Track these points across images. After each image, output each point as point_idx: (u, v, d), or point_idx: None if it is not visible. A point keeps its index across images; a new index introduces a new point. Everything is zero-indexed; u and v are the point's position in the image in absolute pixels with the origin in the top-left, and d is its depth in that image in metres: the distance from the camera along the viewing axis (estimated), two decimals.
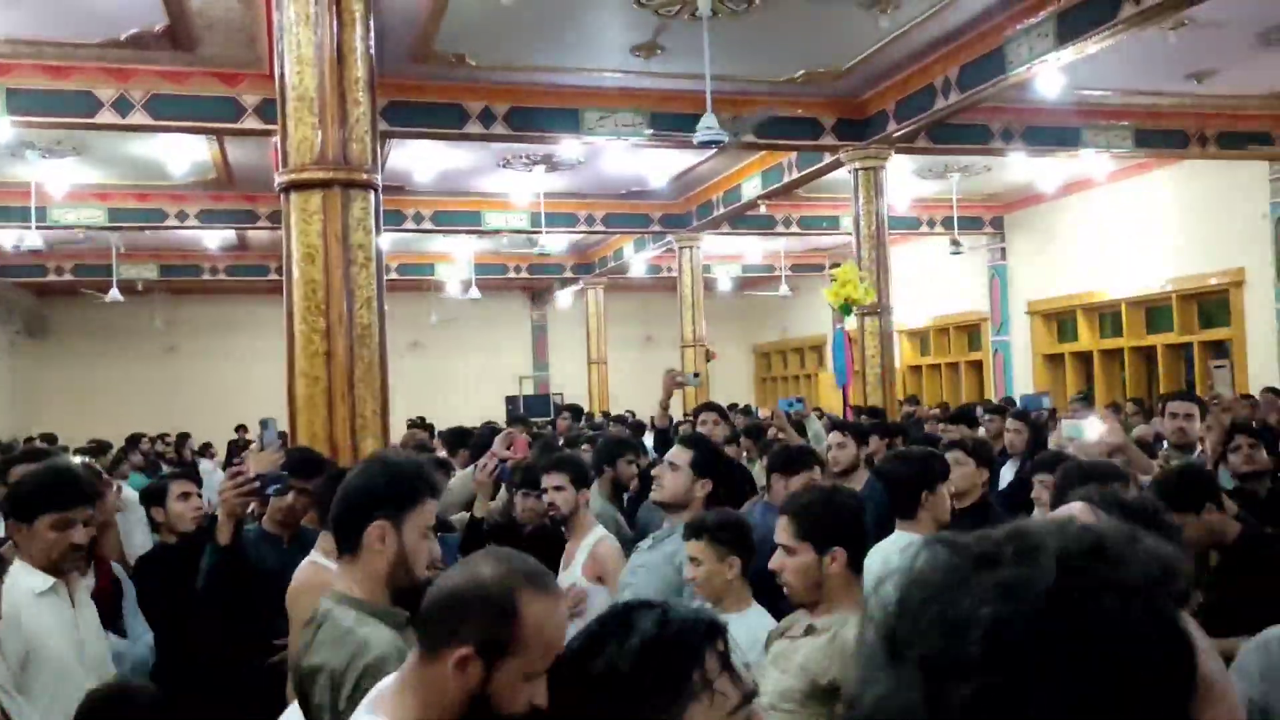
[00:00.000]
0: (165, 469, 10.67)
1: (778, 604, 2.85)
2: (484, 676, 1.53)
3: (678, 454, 3.57)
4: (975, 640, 0.61)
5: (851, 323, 10.20)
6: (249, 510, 3.58)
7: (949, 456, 4.12)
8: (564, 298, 20.50)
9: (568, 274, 19.09)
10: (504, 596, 1.54)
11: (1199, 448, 5.08)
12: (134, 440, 11.62)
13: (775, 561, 2.61)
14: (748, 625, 2.72)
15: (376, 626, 2.10)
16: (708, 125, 7.08)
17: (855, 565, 2.59)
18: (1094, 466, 3.06)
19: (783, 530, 2.61)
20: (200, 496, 3.99)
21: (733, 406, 14.40)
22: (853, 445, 5.07)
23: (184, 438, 13.67)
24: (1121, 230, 12.85)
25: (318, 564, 2.94)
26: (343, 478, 2.45)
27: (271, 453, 3.60)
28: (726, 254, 18.14)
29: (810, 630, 2.52)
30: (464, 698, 1.54)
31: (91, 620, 2.90)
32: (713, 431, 6.10)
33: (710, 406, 6.73)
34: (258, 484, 3.30)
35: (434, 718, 1.58)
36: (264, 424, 3.84)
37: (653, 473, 3.61)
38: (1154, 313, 12.93)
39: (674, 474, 3.50)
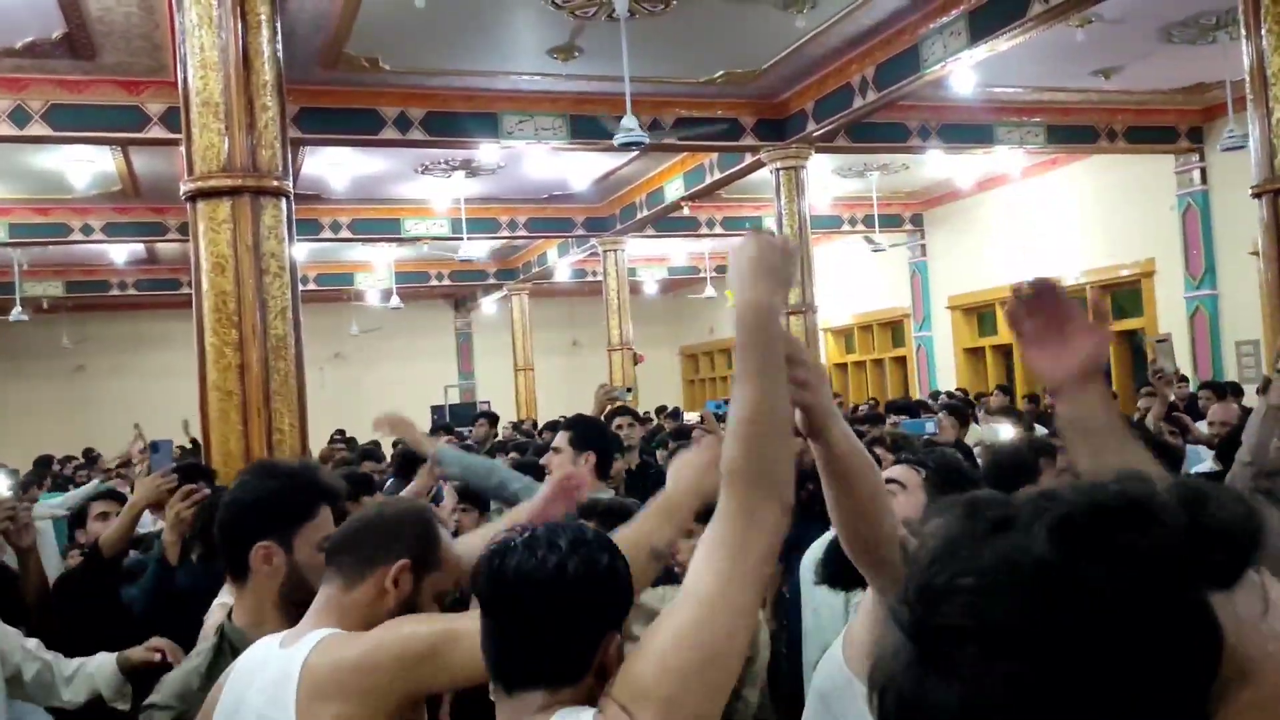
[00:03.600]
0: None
1: None
2: (413, 591, 1.71)
3: (558, 439, 3.69)
4: (957, 612, 0.55)
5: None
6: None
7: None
8: (488, 304, 20.31)
9: (491, 280, 18.92)
10: (425, 519, 1.79)
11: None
12: (44, 462, 11.17)
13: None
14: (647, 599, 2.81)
15: (185, 668, 2.00)
16: (628, 127, 7.04)
17: None
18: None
19: None
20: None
21: (661, 409, 14.43)
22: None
23: (93, 458, 13.21)
24: (1036, 224, 13.12)
25: (225, 606, 2.68)
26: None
27: (159, 477, 3.40)
28: (651, 256, 18.14)
29: None
30: (396, 610, 1.68)
31: None
32: (629, 434, 6.23)
33: (623, 411, 6.73)
34: (209, 495, 3.12)
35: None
36: (154, 446, 3.67)
37: (542, 461, 3.69)
38: None
39: (558, 457, 3.59)
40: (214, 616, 2.64)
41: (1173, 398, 6.23)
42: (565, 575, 1.35)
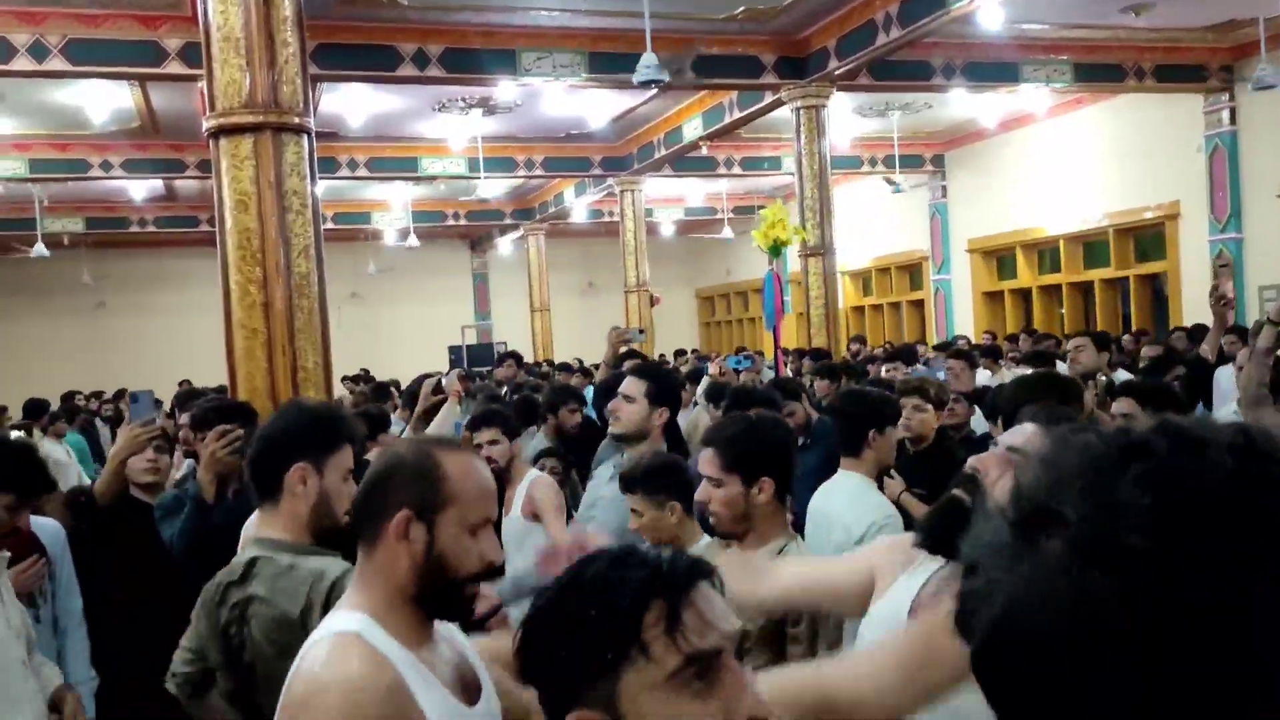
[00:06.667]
0: (100, 427, 10.44)
1: None
2: (428, 538, 1.59)
3: (632, 386, 3.46)
4: (1137, 528, 0.55)
5: (795, 263, 10.21)
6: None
7: (910, 403, 4.13)
8: (504, 245, 20.27)
9: (508, 220, 18.85)
10: (423, 458, 1.63)
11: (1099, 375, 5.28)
12: (68, 398, 11.33)
13: (701, 493, 2.50)
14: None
15: (317, 558, 2.14)
16: (647, 65, 6.97)
17: (782, 495, 2.51)
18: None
19: (708, 462, 2.48)
20: (154, 449, 3.75)
21: (679, 353, 14.45)
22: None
23: (121, 394, 13.35)
24: (1060, 166, 12.96)
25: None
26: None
27: (137, 426, 3.43)
28: (668, 197, 18.03)
29: None
30: (415, 565, 1.59)
31: (8, 589, 2.79)
32: None
33: (632, 354, 6.68)
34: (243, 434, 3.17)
35: (393, 599, 1.61)
36: (134, 397, 3.65)
37: (609, 407, 3.54)
38: (1091, 248, 13.11)
39: (630, 406, 3.41)
40: (251, 529, 2.73)
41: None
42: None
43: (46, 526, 3.26)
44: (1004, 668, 0.59)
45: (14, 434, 4.86)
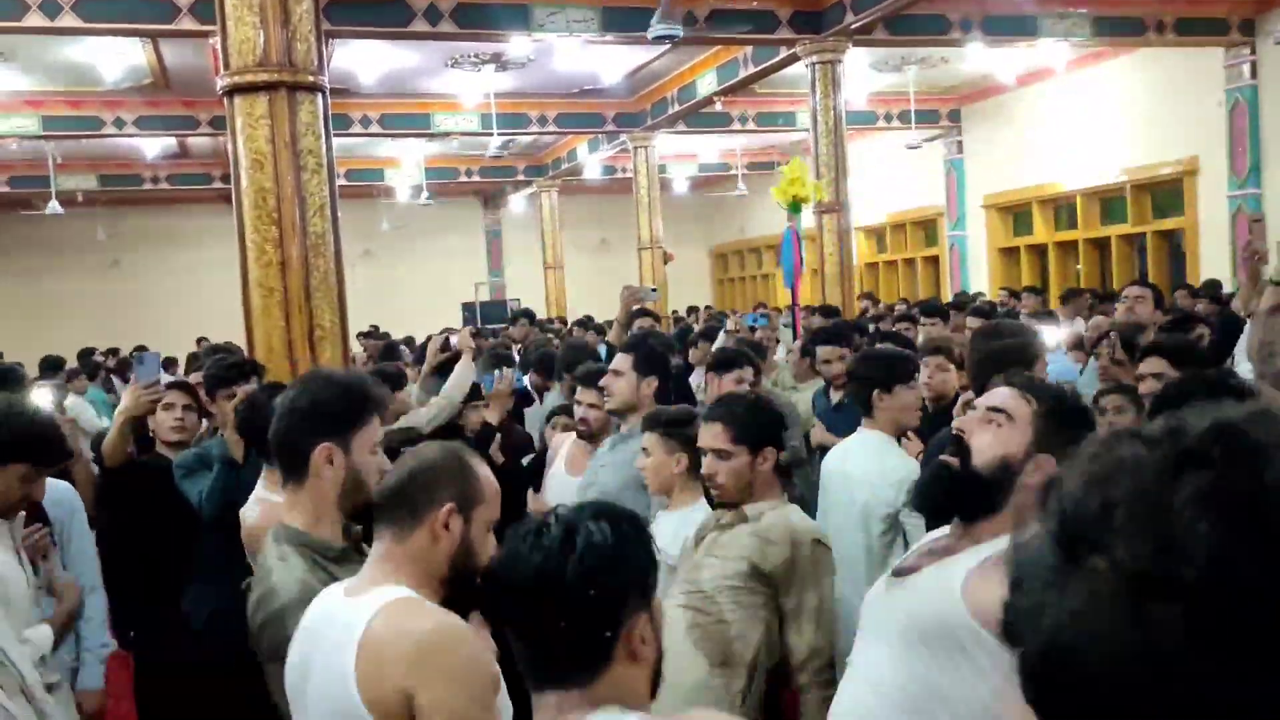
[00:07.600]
0: (117, 384, 10.51)
1: None
2: (465, 530, 1.78)
3: (619, 361, 3.69)
4: (1192, 560, 0.51)
5: (809, 219, 10.15)
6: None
7: (933, 362, 4.11)
8: (517, 202, 20.21)
9: (520, 177, 18.77)
10: (459, 460, 1.84)
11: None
12: (86, 355, 11.39)
13: (709, 466, 2.68)
14: (695, 519, 2.86)
15: (290, 567, 2.03)
16: (662, 19, 6.91)
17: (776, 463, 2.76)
18: (1004, 350, 3.05)
19: (716, 436, 2.66)
20: (182, 408, 3.70)
21: (693, 310, 14.42)
22: None
23: (140, 351, 13.42)
24: (1078, 121, 12.82)
25: (266, 501, 2.70)
26: (267, 397, 2.42)
27: (140, 387, 3.42)
28: (682, 153, 17.90)
29: (742, 518, 2.63)
30: (452, 551, 1.78)
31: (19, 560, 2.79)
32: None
33: (644, 313, 6.67)
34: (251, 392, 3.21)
35: (427, 580, 1.77)
36: (140, 358, 3.63)
37: (601, 383, 3.71)
38: (1108, 204, 12.99)
39: (619, 380, 3.62)
40: (252, 513, 2.72)
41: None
42: (563, 578, 1.31)
43: (55, 487, 3.08)
44: (1053, 694, 0.56)
45: (45, 392, 4.87)
